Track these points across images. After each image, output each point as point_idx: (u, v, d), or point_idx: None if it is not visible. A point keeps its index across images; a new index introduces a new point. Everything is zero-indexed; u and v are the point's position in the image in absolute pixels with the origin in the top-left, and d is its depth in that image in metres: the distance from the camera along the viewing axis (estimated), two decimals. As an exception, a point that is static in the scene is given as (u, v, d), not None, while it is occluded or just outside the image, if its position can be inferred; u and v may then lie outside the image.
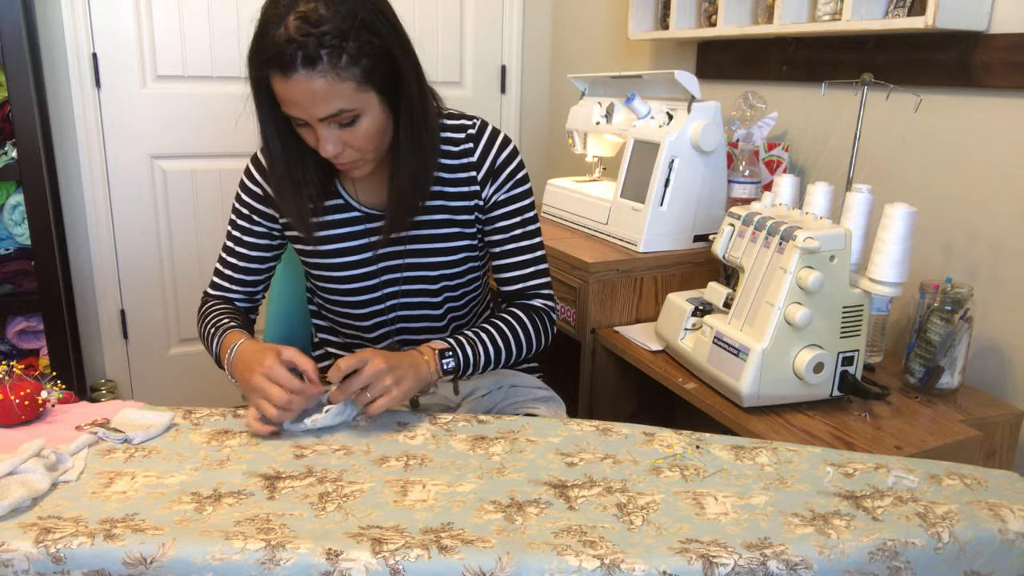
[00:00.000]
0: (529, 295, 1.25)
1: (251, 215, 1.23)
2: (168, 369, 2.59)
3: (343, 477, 0.88)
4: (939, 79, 1.43)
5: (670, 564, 0.72)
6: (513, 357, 1.20)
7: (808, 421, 1.19)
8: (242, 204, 1.23)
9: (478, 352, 1.14)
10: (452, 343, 1.12)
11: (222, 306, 1.24)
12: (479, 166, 1.20)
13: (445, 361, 1.10)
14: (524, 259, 1.24)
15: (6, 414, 0.96)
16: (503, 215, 1.23)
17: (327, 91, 0.98)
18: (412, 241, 1.21)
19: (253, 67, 1.01)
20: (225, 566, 0.71)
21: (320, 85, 0.97)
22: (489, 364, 1.16)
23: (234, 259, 1.25)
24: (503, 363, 1.19)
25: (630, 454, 0.95)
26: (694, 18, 1.95)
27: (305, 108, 1.00)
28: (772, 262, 1.21)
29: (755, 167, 1.74)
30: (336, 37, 0.96)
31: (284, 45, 0.95)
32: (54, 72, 2.24)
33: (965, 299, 1.26)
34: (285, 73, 0.97)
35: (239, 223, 1.24)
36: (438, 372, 1.09)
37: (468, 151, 1.19)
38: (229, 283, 1.26)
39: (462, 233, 1.22)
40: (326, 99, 0.98)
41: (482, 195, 1.21)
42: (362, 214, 1.21)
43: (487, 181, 1.20)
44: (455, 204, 1.21)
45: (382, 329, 1.28)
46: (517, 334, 1.20)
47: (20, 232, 2.11)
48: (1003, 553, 0.81)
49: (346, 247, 1.21)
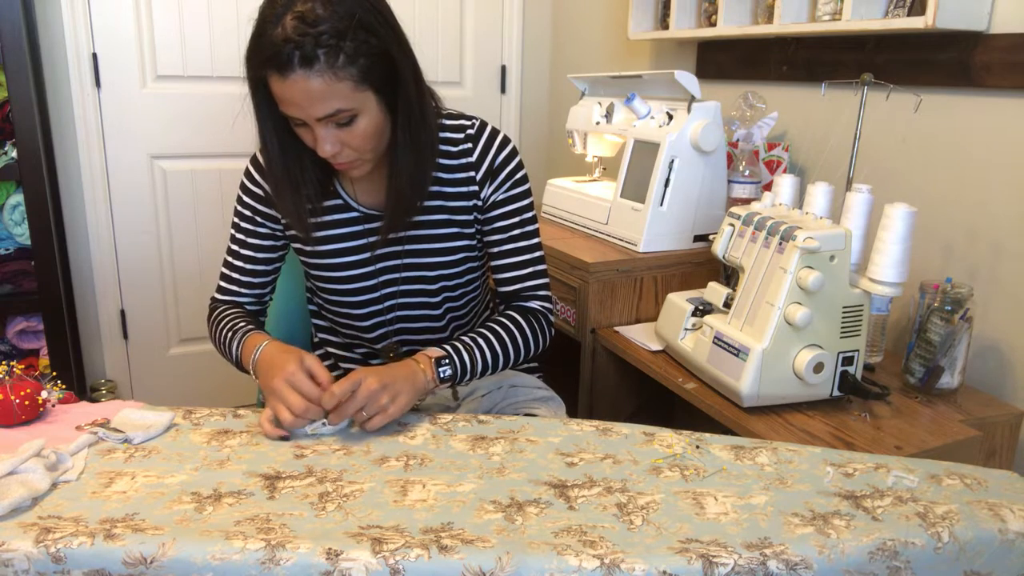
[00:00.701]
0: (526, 296, 1.25)
1: (254, 216, 1.23)
2: (168, 369, 2.59)
3: (343, 477, 0.88)
4: (939, 79, 1.43)
5: (670, 564, 0.72)
6: (511, 361, 1.20)
7: (808, 421, 1.19)
8: (244, 206, 1.23)
9: (475, 358, 1.14)
10: (448, 350, 1.12)
11: (235, 310, 1.23)
12: (478, 166, 1.20)
13: (441, 369, 1.10)
14: (522, 260, 1.24)
15: (6, 414, 0.96)
16: (501, 215, 1.22)
17: (324, 91, 0.98)
18: (411, 241, 1.21)
19: (251, 67, 1.01)
20: (225, 566, 0.71)
21: (317, 85, 0.97)
22: (487, 369, 1.16)
23: (240, 262, 1.25)
24: (500, 367, 1.19)
25: (630, 454, 0.95)
26: (694, 18, 1.95)
27: (302, 108, 0.99)
28: (772, 262, 1.21)
29: (755, 167, 1.74)
30: (333, 37, 0.96)
31: (281, 45, 0.95)
32: (54, 72, 2.24)
33: (965, 299, 1.26)
34: (282, 73, 0.96)
35: (242, 226, 1.24)
36: (435, 380, 1.09)
37: (467, 151, 1.19)
38: (238, 287, 1.26)
39: (461, 233, 1.22)
40: (323, 99, 0.98)
41: (481, 195, 1.21)
42: (361, 214, 1.21)
43: (486, 181, 1.20)
44: (454, 204, 1.21)
45: (381, 329, 1.28)
46: (515, 338, 1.19)
47: (20, 232, 2.11)
48: (1003, 553, 0.81)
49: (345, 247, 1.21)
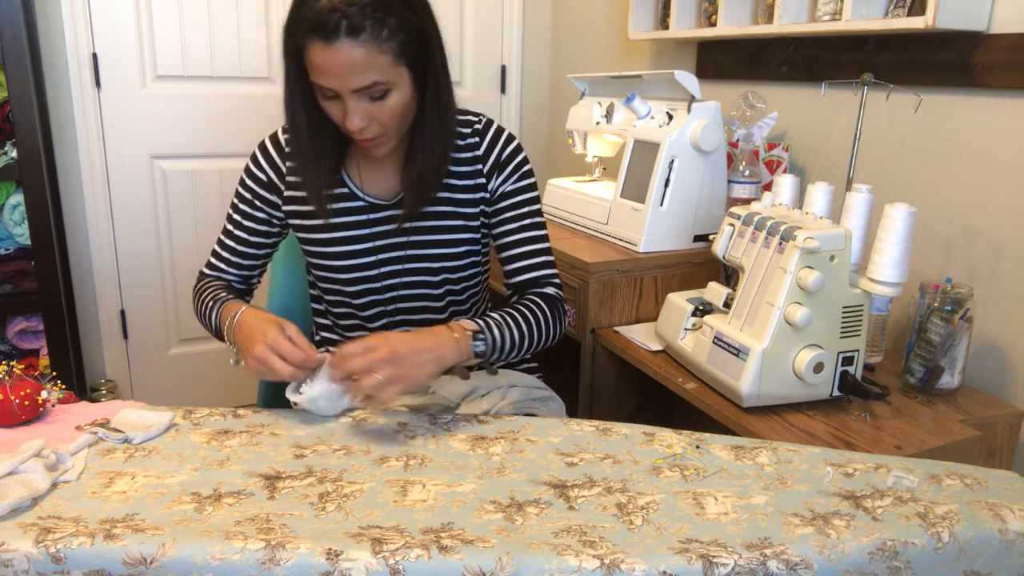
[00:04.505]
0: (542, 283, 1.26)
1: (253, 200, 1.25)
2: (168, 369, 2.59)
3: (343, 477, 0.88)
4: (939, 79, 1.43)
5: (670, 564, 0.72)
6: (533, 344, 1.18)
7: (808, 421, 1.19)
8: (245, 188, 1.25)
9: (504, 335, 1.12)
10: (482, 324, 1.10)
11: (218, 283, 1.26)
12: (485, 159, 1.22)
13: (476, 343, 1.08)
14: (534, 248, 1.25)
15: (6, 414, 0.96)
16: (511, 206, 1.24)
17: (366, 62, 1.00)
18: (416, 232, 1.22)
19: (291, 35, 1.03)
20: (225, 566, 0.71)
21: (360, 55, 0.99)
22: (512, 350, 1.15)
23: (232, 242, 1.27)
24: (523, 349, 1.17)
25: (630, 454, 0.95)
26: (694, 18, 1.95)
27: (341, 78, 1.01)
28: (772, 262, 1.21)
29: (755, 167, 1.74)
30: (379, 10, 0.99)
31: (328, 13, 0.97)
32: (54, 72, 2.24)
33: (965, 299, 1.26)
34: (328, 40, 0.98)
35: (240, 207, 1.26)
36: (469, 353, 1.07)
37: (474, 145, 1.23)
38: (226, 265, 1.28)
39: (466, 226, 1.23)
40: (364, 70, 1.01)
41: (488, 187, 1.23)
42: (366, 203, 1.22)
43: (493, 173, 1.23)
44: (461, 196, 1.22)
45: (382, 320, 1.29)
46: (539, 320, 1.19)
47: (20, 232, 2.11)
48: (1003, 553, 0.81)
49: (348, 236, 1.22)
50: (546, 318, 1.20)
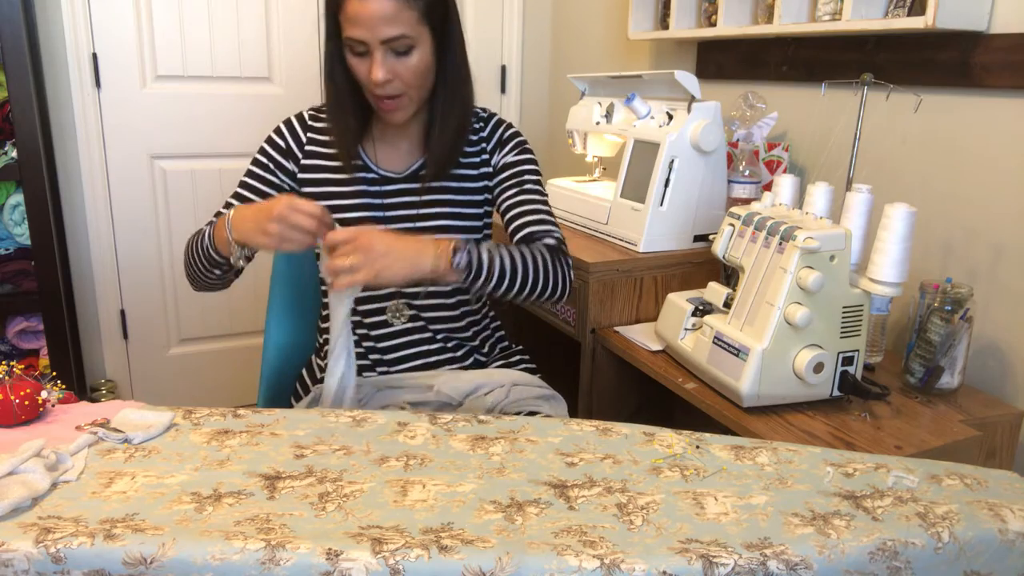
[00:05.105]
0: (542, 236, 1.27)
1: (268, 163, 1.29)
2: (168, 369, 2.59)
3: (343, 477, 0.88)
4: (939, 79, 1.43)
5: (670, 564, 0.72)
6: (529, 282, 1.18)
7: (808, 421, 1.19)
8: (262, 154, 1.30)
9: (494, 260, 1.14)
10: (469, 241, 1.14)
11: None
12: (489, 139, 1.33)
13: (458, 256, 1.10)
14: (534, 208, 1.29)
15: (6, 414, 0.96)
16: (511, 175, 1.31)
17: (396, 14, 1.10)
18: (425, 206, 1.28)
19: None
20: (225, 566, 0.71)
21: (390, 7, 1.10)
22: (503, 277, 1.15)
23: (236, 202, 1.28)
24: (518, 286, 1.17)
25: (630, 454, 0.95)
26: (694, 18, 1.95)
27: (371, 29, 1.10)
28: (772, 262, 1.21)
29: (755, 167, 1.74)
30: None
31: None
32: (54, 72, 2.24)
33: (965, 299, 1.26)
34: None
35: (254, 170, 1.30)
36: (448, 265, 1.09)
37: (479, 129, 1.34)
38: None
39: (471, 200, 1.32)
40: (393, 21, 1.10)
41: (491, 162, 1.33)
42: (378, 176, 1.28)
43: (496, 150, 1.33)
44: (466, 172, 1.31)
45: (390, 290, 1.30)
46: (536, 260, 1.19)
47: (20, 232, 2.11)
48: (1003, 553, 0.81)
49: (359, 203, 1.27)
50: (544, 260, 1.20)
